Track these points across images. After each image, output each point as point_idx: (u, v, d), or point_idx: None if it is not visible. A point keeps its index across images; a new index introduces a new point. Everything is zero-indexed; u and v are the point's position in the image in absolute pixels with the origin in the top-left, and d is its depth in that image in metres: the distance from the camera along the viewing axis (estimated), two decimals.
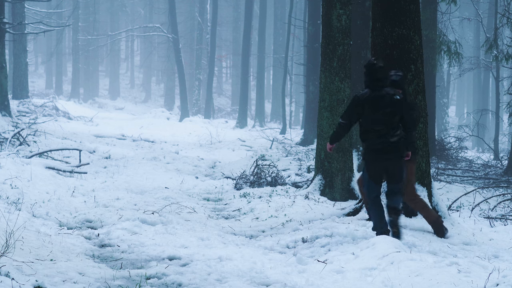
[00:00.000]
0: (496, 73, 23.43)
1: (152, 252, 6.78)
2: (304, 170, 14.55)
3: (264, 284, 5.83)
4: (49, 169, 11.45)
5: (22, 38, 25.94)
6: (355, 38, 12.75)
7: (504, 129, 38.17)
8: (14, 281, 5.03)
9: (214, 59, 38.13)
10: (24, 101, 25.51)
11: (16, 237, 6.16)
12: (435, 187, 8.54)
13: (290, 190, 11.32)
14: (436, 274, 5.79)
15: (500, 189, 12.66)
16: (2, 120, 18.51)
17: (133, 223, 8.17)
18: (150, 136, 23.07)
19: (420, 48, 8.28)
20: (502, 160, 18.67)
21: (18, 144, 14.86)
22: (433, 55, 16.73)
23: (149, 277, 5.86)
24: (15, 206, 8.25)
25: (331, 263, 6.45)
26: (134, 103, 48.51)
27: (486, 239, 7.99)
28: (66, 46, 55.77)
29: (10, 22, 20.63)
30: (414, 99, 8.17)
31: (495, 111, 23.31)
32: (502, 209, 10.47)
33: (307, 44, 23.38)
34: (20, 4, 25.16)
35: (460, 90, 53.68)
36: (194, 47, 43.80)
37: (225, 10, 51.21)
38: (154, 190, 11.43)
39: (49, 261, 6.02)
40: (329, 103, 10.57)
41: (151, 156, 16.44)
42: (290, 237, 7.62)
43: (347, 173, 10.64)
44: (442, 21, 18.86)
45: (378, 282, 5.82)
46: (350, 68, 10.67)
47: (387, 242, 6.65)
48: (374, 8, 8.44)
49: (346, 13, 10.59)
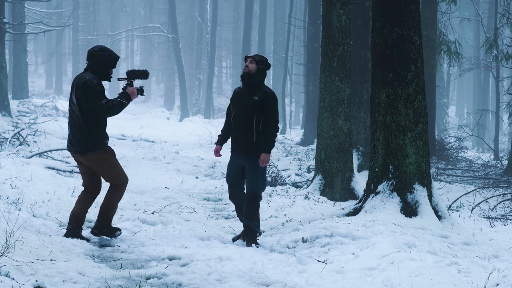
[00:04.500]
0: (496, 73, 23.43)
1: (152, 252, 6.78)
2: (304, 170, 14.56)
3: (264, 284, 5.83)
4: (49, 169, 11.45)
5: (22, 38, 25.95)
6: (355, 38, 12.75)
7: (504, 129, 38.17)
8: (14, 281, 5.03)
9: (214, 59, 38.14)
10: (24, 101, 25.52)
11: (16, 237, 6.16)
12: (435, 187, 8.54)
13: (290, 190, 11.32)
14: (436, 274, 5.79)
15: (500, 189, 12.66)
16: (2, 120, 18.51)
17: (133, 223, 8.18)
18: (150, 136, 23.06)
19: (420, 48, 8.28)
20: (502, 160, 18.67)
21: (18, 144, 14.86)
22: (433, 55, 16.73)
23: (149, 277, 5.86)
24: (15, 206, 8.25)
25: (331, 263, 6.45)
26: (134, 103, 48.43)
27: (486, 239, 7.99)
28: (66, 46, 55.79)
29: (10, 22, 20.63)
30: (414, 99, 8.18)
31: (495, 111, 23.31)
32: (502, 209, 10.47)
33: (307, 44, 23.39)
34: (20, 4, 25.16)
35: (460, 90, 53.69)
36: (194, 47, 43.81)
37: (225, 10, 51.23)
38: (154, 190, 11.43)
39: (49, 261, 6.01)
40: (329, 103, 10.57)
41: (151, 156, 16.43)
42: (290, 237, 7.62)
43: (347, 173, 10.64)
44: (442, 21, 18.87)
45: (378, 282, 5.82)
46: (350, 68, 10.67)
47: (387, 242, 6.65)
48: (374, 8, 8.44)
49: (346, 13, 10.59)
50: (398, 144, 8.16)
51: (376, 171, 8.38)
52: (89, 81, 6.93)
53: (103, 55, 7.03)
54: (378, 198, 8.23)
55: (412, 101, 8.17)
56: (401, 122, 8.16)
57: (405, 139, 8.15)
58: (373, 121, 8.42)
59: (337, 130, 10.54)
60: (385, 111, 8.23)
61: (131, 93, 7.13)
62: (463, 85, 51.69)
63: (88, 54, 7.09)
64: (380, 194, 8.24)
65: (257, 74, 7.36)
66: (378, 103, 8.32)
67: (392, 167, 8.20)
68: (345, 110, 10.57)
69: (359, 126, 13.17)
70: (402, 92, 8.17)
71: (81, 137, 6.99)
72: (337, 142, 10.54)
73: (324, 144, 10.60)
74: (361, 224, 7.58)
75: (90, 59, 7.05)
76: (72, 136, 7.06)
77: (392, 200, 8.13)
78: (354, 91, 12.93)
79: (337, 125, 10.54)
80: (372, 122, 8.45)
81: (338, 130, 10.54)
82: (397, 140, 8.17)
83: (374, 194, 8.33)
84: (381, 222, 7.54)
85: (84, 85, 6.92)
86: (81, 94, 6.93)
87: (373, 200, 8.28)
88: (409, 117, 8.15)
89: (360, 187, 10.55)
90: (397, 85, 8.17)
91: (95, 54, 7.04)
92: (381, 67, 8.28)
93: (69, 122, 7.12)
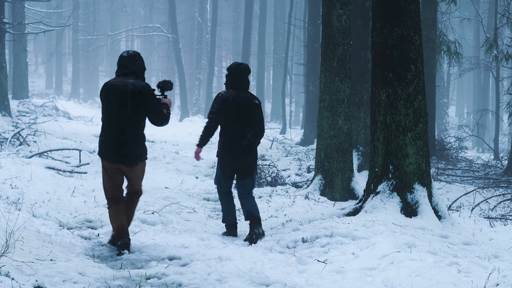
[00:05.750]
0: (496, 73, 23.43)
1: (152, 252, 6.78)
2: (304, 170, 14.56)
3: (264, 284, 5.83)
4: (49, 169, 11.45)
5: (22, 38, 25.95)
6: (355, 38, 12.75)
7: (504, 129, 38.17)
8: (14, 281, 5.03)
9: (214, 59, 38.14)
10: (24, 101, 25.51)
11: (16, 237, 6.16)
12: (435, 187, 8.54)
13: (290, 190, 11.32)
14: (436, 274, 5.79)
15: (500, 189, 12.67)
16: (2, 120, 18.51)
17: (133, 223, 8.16)
18: (150, 136, 23.01)
19: (420, 48, 8.28)
20: (502, 160, 18.67)
21: (18, 144, 14.86)
22: (433, 55, 16.73)
23: (149, 277, 5.86)
24: (15, 206, 8.25)
25: (331, 263, 6.45)
26: None
27: (486, 239, 7.99)
28: (66, 46, 55.78)
29: (10, 22, 20.62)
30: (414, 99, 8.18)
31: (495, 111, 23.31)
32: (502, 209, 10.47)
33: (307, 44, 23.39)
34: (20, 4, 25.16)
35: (460, 90, 53.69)
36: (194, 47, 43.81)
37: (225, 10, 51.22)
38: (154, 190, 11.43)
39: (49, 261, 6.02)
40: (329, 103, 10.57)
41: (151, 156, 16.44)
42: (290, 237, 7.62)
43: (347, 173, 10.64)
44: (442, 21, 18.87)
45: (378, 282, 5.82)
46: (350, 68, 10.67)
47: (387, 242, 6.65)
48: (374, 8, 8.44)
49: (346, 13, 10.59)
50: (398, 144, 8.16)
51: (376, 171, 8.38)
52: (147, 87, 6.64)
53: (142, 60, 6.80)
54: (378, 198, 8.23)
55: (412, 101, 8.17)
56: (401, 122, 8.16)
57: (405, 139, 8.15)
58: (373, 121, 8.42)
59: (337, 130, 10.54)
60: (385, 111, 8.23)
61: (169, 104, 7.00)
62: (463, 85, 51.69)
63: (127, 59, 6.72)
64: (380, 194, 8.24)
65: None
66: (378, 103, 8.32)
67: (392, 167, 8.20)
68: (345, 110, 10.57)
69: (359, 126, 13.17)
70: (402, 92, 8.17)
71: (135, 146, 6.71)
72: (337, 142, 10.54)
73: (324, 144, 10.60)
74: (361, 224, 7.58)
75: (130, 64, 6.70)
76: (122, 145, 6.67)
77: (392, 200, 8.13)
78: (354, 91, 12.93)
79: (337, 125, 10.54)
80: (372, 122, 8.45)
81: (338, 130, 10.54)
82: (397, 140, 8.17)
83: (374, 194, 8.33)
84: (381, 222, 7.54)
85: (143, 91, 6.61)
86: (139, 101, 6.61)
87: (373, 200, 8.28)
88: (409, 117, 8.15)
89: (360, 187, 10.55)
90: (397, 85, 8.17)
91: (136, 58, 6.73)
92: (381, 67, 8.28)
93: (113, 132, 6.69)
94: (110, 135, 6.73)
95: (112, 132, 6.73)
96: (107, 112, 6.75)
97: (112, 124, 6.73)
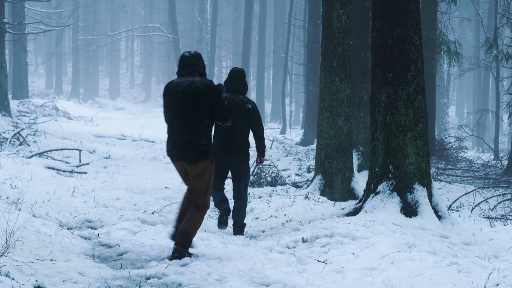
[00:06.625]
0: (496, 73, 23.43)
1: (152, 252, 6.78)
2: (304, 170, 14.56)
3: (264, 284, 5.82)
4: (49, 169, 11.45)
5: (22, 38, 25.95)
6: (355, 38, 12.75)
7: (504, 129, 38.18)
8: (14, 281, 5.02)
9: (214, 59, 38.14)
10: (24, 101, 25.51)
11: (16, 237, 6.16)
12: (435, 187, 8.54)
13: (290, 190, 11.32)
14: (436, 274, 5.79)
15: (500, 189, 12.67)
16: (2, 120, 18.51)
17: (133, 223, 8.17)
18: (150, 136, 23.06)
19: (420, 48, 8.28)
20: (502, 160, 18.68)
21: (18, 144, 14.86)
22: (433, 55, 16.74)
23: (149, 277, 5.86)
24: (15, 206, 8.25)
25: (331, 263, 6.44)
26: (134, 103, 48.51)
27: (486, 239, 7.99)
28: (66, 46, 55.79)
29: (10, 22, 20.63)
30: (414, 99, 8.18)
31: (495, 111, 23.32)
32: (502, 209, 10.47)
33: (307, 44, 23.39)
34: (20, 4, 25.16)
35: (460, 90, 53.69)
36: (194, 47, 43.80)
37: (225, 10, 51.22)
38: (154, 190, 11.42)
39: (49, 261, 6.01)
40: (329, 103, 10.57)
41: (151, 156, 16.44)
42: (290, 237, 7.62)
43: (347, 173, 10.64)
44: (442, 21, 18.88)
45: (378, 282, 5.82)
46: (350, 68, 10.68)
47: (387, 242, 6.65)
48: (374, 8, 8.44)
49: (346, 13, 10.59)
50: (398, 144, 8.17)
51: (376, 171, 8.38)
52: (212, 84, 6.60)
53: (203, 60, 6.76)
54: (378, 198, 8.23)
55: (412, 101, 8.18)
56: (401, 122, 8.16)
57: (405, 139, 8.15)
58: (373, 121, 8.42)
59: (337, 130, 10.54)
60: (385, 111, 8.23)
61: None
62: (463, 85, 51.70)
63: (190, 59, 6.67)
64: (380, 194, 8.24)
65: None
66: (378, 103, 8.32)
67: (392, 167, 8.20)
68: (345, 110, 10.57)
69: (359, 126, 13.17)
70: (402, 92, 8.17)
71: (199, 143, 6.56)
72: (337, 142, 10.54)
73: (324, 144, 10.60)
74: (361, 224, 7.58)
75: (195, 64, 6.66)
76: (186, 144, 6.57)
77: (392, 200, 8.14)
78: (354, 91, 12.93)
79: (337, 125, 10.54)
80: (372, 122, 8.45)
81: (338, 130, 10.54)
82: (397, 140, 8.17)
83: (374, 194, 8.33)
84: (381, 222, 7.54)
85: (213, 89, 6.56)
86: (210, 98, 6.54)
87: (373, 200, 8.28)
88: (409, 117, 8.15)
89: (360, 187, 10.55)
90: (397, 85, 8.17)
91: (198, 58, 6.69)
92: (381, 67, 8.28)
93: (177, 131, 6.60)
94: (175, 135, 6.65)
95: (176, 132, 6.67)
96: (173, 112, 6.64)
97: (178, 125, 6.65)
